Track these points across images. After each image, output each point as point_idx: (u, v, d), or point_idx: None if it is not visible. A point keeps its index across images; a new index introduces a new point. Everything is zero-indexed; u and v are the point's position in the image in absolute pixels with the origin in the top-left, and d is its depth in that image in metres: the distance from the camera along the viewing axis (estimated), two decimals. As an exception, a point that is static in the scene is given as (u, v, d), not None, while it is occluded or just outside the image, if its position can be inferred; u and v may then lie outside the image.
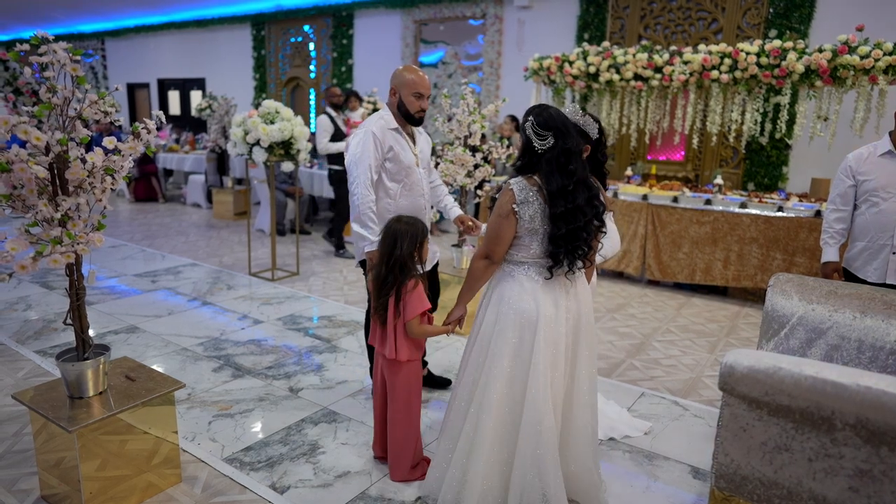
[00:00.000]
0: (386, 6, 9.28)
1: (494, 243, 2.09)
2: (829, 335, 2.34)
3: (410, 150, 2.75)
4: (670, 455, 2.68)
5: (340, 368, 3.50)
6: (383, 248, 2.28)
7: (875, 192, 2.88)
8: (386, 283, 2.26)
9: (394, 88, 2.70)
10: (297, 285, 5.22)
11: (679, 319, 4.61)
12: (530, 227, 2.04)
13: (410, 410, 2.38)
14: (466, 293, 2.24)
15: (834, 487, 1.53)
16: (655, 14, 7.13)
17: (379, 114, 2.74)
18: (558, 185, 2.00)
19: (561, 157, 2.01)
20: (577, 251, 2.05)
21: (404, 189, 2.73)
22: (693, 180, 6.79)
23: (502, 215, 2.06)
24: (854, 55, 4.65)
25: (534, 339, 2.05)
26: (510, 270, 2.14)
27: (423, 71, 9.27)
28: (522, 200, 2.02)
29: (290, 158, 5.17)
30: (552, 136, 2.02)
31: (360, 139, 2.65)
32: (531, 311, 2.06)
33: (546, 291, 2.09)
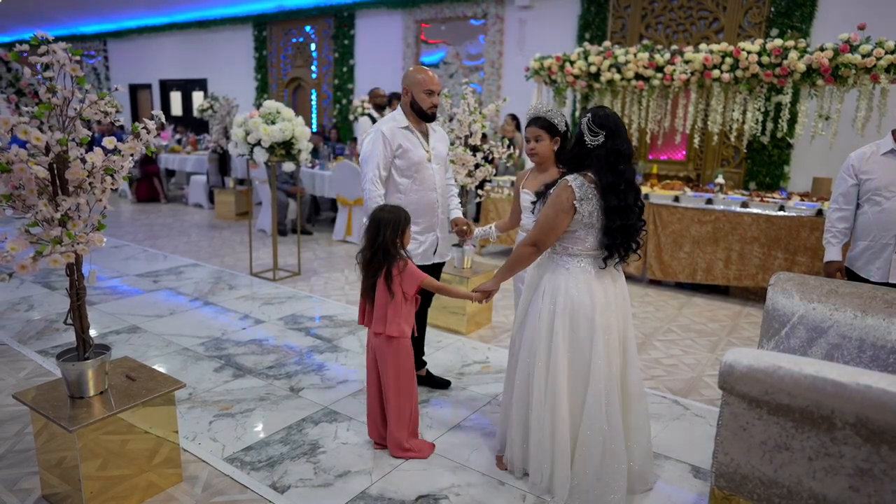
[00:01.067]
0: (387, 6, 9.29)
1: (546, 234, 2.21)
2: (829, 334, 2.33)
3: (422, 147, 2.88)
4: (671, 454, 2.68)
5: (341, 368, 3.50)
6: (368, 234, 2.45)
7: (878, 191, 2.87)
8: (371, 265, 2.43)
9: (406, 88, 2.86)
10: (298, 285, 5.22)
11: (680, 319, 4.60)
12: (588, 221, 2.17)
13: (403, 384, 2.50)
14: (506, 273, 2.39)
15: (834, 486, 1.52)
16: (657, 13, 7.12)
17: (391, 114, 2.91)
18: (609, 182, 2.14)
19: (610, 156, 2.14)
20: (630, 243, 2.21)
21: (414, 184, 2.86)
22: (694, 180, 6.78)
23: (562, 210, 2.16)
24: (856, 54, 4.64)
25: (592, 329, 2.19)
26: (564, 262, 2.26)
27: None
28: (582, 197, 2.14)
29: (291, 159, 5.17)
30: (604, 136, 2.14)
31: (371, 138, 2.82)
32: (587, 302, 2.19)
33: (598, 282, 2.23)
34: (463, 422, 2.92)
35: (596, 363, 2.18)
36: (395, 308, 2.43)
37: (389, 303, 2.42)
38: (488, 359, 3.69)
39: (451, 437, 2.77)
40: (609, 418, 2.19)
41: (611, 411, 2.19)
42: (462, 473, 2.48)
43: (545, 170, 2.77)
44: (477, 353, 3.80)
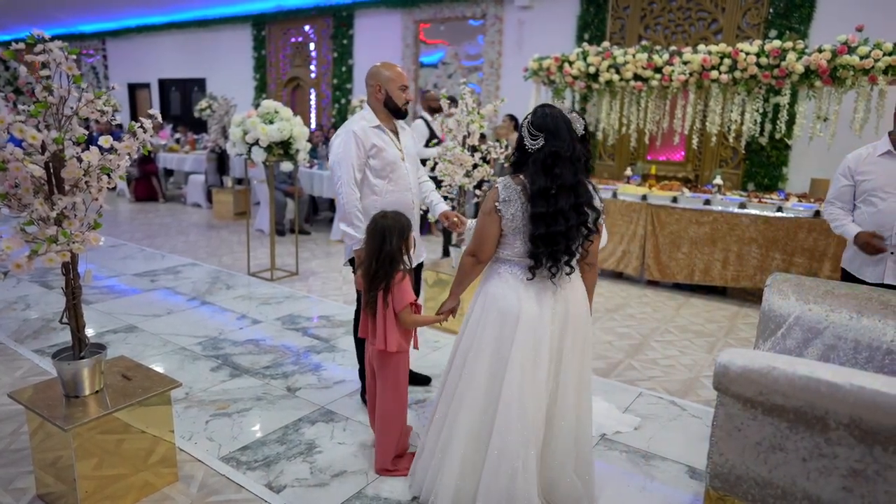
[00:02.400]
0: (386, 6, 9.29)
1: (480, 241, 2.12)
2: (825, 335, 2.33)
3: (395, 146, 2.81)
4: (667, 455, 2.68)
5: (338, 368, 3.50)
6: (372, 244, 2.33)
7: (874, 191, 2.87)
8: (376, 278, 2.32)
9: (379, 86, 2.77)
10: (296, 285, 5.22)
11: (678, 320, 4.60)
12: (513, 225, 2.06)
13: (397, 402, 2.44)
14: (456, 287, 2.29)
15: (828, 487, 1.52)
16: (655, 14, 7.12)
17: (360, 114, 2.82)
18: (541, 187, 2.00)
19: (548, 158, 2.00)
20: (557, 254, 2.03)
21: (390, 185, 2.79)
22: (693, 180, 6.78)
23: (486, 213, 2.10)
24: (854, 55, 4.65)
25: (513, 336, 2.05)
26: (497, 268, 2.17)
27: (422, 71, 9.29)
28: (505, 199, 2.04)
29: (289, 158, 5.17)
30: (543, 138, 2.02)
31: (343, 140, 2.73)
32: (513, 307, 2.06)
33: (530, 290, 2.09)
34: (459, 422, 2.91)
35: (510, 379, 2.03)
36: (393, 321, 2.33)
37: (388, 316, 2.32)
38: (485, 359, 3.68)
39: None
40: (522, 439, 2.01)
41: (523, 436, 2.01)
42: (458, 473, 2.48)
43: None
44: (474, 353, 3.80)
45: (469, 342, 2.16)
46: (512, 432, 2.01)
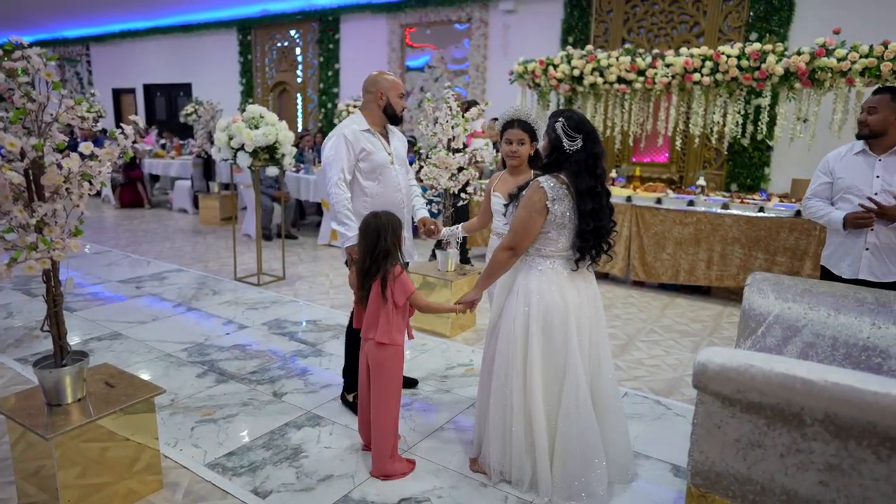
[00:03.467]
0: (372, 11, 9.30)
1: (522, 237, 2.22)
2: (804, 333, 2.37)
3: (384, 149, 2.90)
4: (652, 454, 2.70)
5: (325, 372, 3.49)
6: (366, 242, 2.41)
7: (849, 189, 2.91)
8: (369, 273, 2.40)
9: (381, 92, 2.87)
10: (282, 290, 5.21)
11: (663, 320, 4.65)
12: (560, 222, 2.19)
13: (390, 396, 2.46)
14: (486, 280, 2.38)
15: (805, 482, 1.55)
16: (638, 17, 7.20)
17: (351, 118, 2.91)
18: (588, 186, 2.17)
19: (590, 159, 2.18)
20: (601, 245, 2.26)
21: (379, 186, 2.88)
22: (677, 182, 6.85)
23: (535, 211, 2.18)
24: (831, 58, 4.72)
25: (567, 330, 2.21)
26: (536, 264, 2.28)
27: (408, 74, 9.31)
28: (554, 197, 2.17)
29: (274, 163, 5.16)
30: (581, 140, 2.17)
31: (334, 142, 2.82)
32: (559, 301, 2.22)
33: (570, 282, 2.26)
34: (446, 424, 2.93)
35: (571, 363, 2.21)
36: (387, 315, 2.39)
37: (382, 308, 2.39)
38: (472, 362, 3.70)
39: (434, 440, 2.77)
40: (585, 418, 2.22)
41: (586, 411, 2.23)
42: (444, 476, 2.49)
43: (519, 173, 2.80)
44: (461, 355, 3.81)
45: (518, 339, 2.26)
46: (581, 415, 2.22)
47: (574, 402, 2.22)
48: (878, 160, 2.84)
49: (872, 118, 2.80)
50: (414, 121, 9.32)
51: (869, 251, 2.84)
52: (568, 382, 2.22)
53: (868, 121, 2.82)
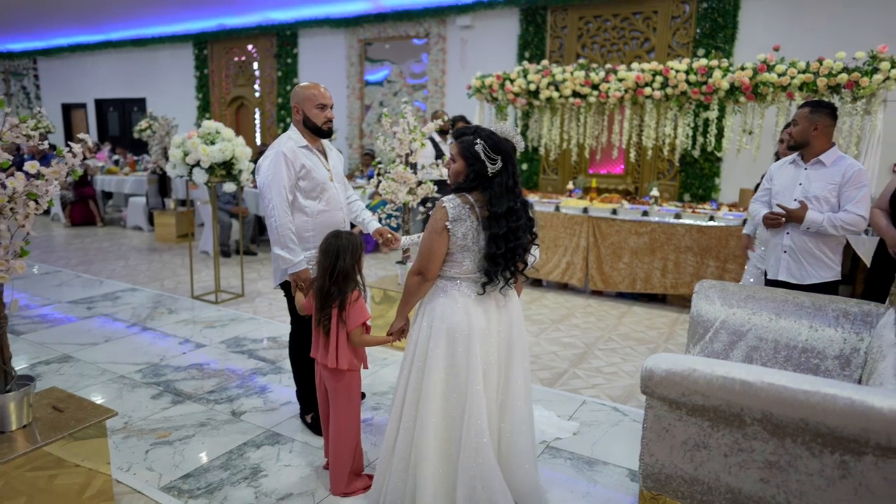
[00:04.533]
0: (330, 26, 9.32)
1: (427, 259, 2.13)
2: (748, 337, 2.48)
3: (323, 166, 2.81)
4: (609, 460, 2.76)
5: (285, 390, 3.45)
6: (325, 262, 2.35)
7: (776, 195, 3.09)
8: (330, 295, 2.33)
9: (296, 106, 2.77)
10: (241, 307, 5.13)
11: (621, 328, 4.75)
12: (463, 244, 2.09)
13: (350, 422, 2.44)
14: (404, 307, 2.29)
15: (747, 480, 1.62)
16: (592, 33, 7.41)
17: (287, 134, 2.79)
18: (507, 208, 2.07)
19: (510, 180, 2.09)
20: (511, 268, 2.14)
21: (320, 205, 2.78)
22: (633, 192, 7.04)
23: (435, 232, 2.10)
24: (772, 73, 4.95)
25: (468, 353, 2.09)
26: (443, 286, 2.18)
27: (367, 89, 9.33)
28: (455, 218, 2.07)
29: (231, 179, 5.11)
30: (501, 160, 2.08)
31: (272, 161, 2.69)
32: (463, 324, 2.10)
33: (478, 305, 2.15)
34: (408, 438, 2.93)
35: (473, 392, 2.07)
36: (345, 339, 2.35)
37: (340, 332, 2.34)
38: (434, 374, 3.71)
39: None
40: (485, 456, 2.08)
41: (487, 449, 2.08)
42: (406, 489, 2.49)
43: None
44: (423, 368, 3.82)
45: (420, 363, 2.17)
46: (481, 446, 2.07)
47: (477, 439, 2.06)
48: (804, 169, 3.01)
49: (795, 130, 2.98)
50: (373, 135, 9.35)
51: (787, 254, 2.99)
52: (469, 415, 2.07)
53: (791, 132, 3.01)
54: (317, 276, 2.42)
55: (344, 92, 9.39)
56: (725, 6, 6.60)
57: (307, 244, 2.74)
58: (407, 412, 2.17)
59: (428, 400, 2.11)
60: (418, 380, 2.16)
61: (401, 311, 2.32)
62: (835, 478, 1.53)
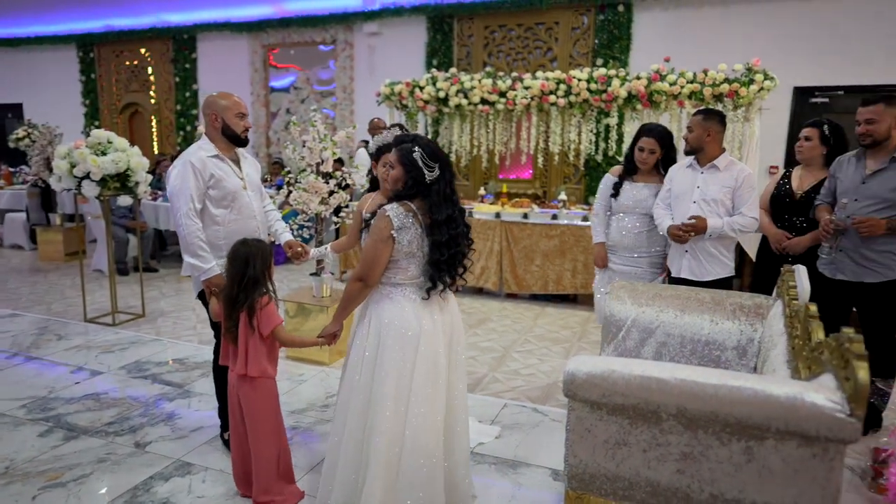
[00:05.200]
0: (231, 30, 8.96)
1: (371, 267, 2.15)
2: (657, 334, 2.61)
3: (235, 175, 2.78)
4: (532, 461, 2.81)
5: (195, 414, 3.25)
6: (234, 270, 2.33)
7: (676, 197, 3.28)
8: (237, 302, 2.31)
9: (214, 115, 2.74)
10: (143, 328, 4.79)
11: (536, 329, 4.87)
12: (408, 251, 2.13)
13: (268, 427, 2.38)
14: (342, 312, 2.30)
15: (665, 472, 1.69)
16: (497, 42, 7.59)
17: (197, 144, 2.76)
18: (447, 215, 2.12)
19: (447, 188, 2.15)
20: (454, 272, 2.21)
21: (232, 214, 2.75)
22: (542, 196, 7.26)
23: (381, 240, 2.11)
24: (664, 83, 5.28)
25: (416, 357, 2.13)
26: (388, 292, 2.20)
27: (273, 95, 9.05)
28: (401, 226, 2.10)
29: (127, 191, 4.76)
30: (439, 168, 2.13)
31: (179, 171, 2.67)
32: (413, 329, 2.14)
33: (424, 309, 2.19)
34: (329, 456, 2.84)
35: (417, 392, 2.12)
36: (255, 346, 2.32)
37: (250, 339, 2.32)
38: (354, 387, 3.62)
39: (318, 474, 2.67)
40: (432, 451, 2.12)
41: (433, 443, 2.13)
42: (330, 511, 2.40)
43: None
44: (342, 382, 3.73)
45: (369, 370, 2.16)
46: (425, 451, 2.11)
47: (420, 437, 2.10)
48: (701, 173, 3.22)
49: (690, 136, 3.20)
50: (281, 143, 9.08)
51: (688, 253, 3.20)
52: (409, 421, 2.10)
53: (687, 138, 3.22)
54: (226, 284, 2.38)
55: (249, 99, 9.06)
56: (620, 19, 6.98)
57: (220, 252, 2.68)
58: (354, 419, 2.16)
59: (379, 406, 2.11)
60: (367, 386, 2.15)
61: (337, 317, 2.32)
62: (741, 463, 1.63)
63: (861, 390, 1.47)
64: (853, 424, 1.48)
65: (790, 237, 3.35)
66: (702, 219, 3.09)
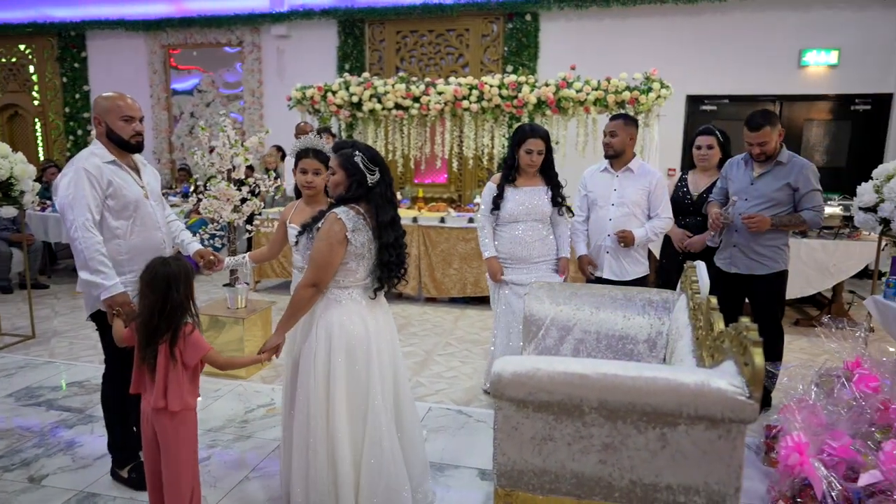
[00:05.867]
0: (126, 28, 8.43)
1: (324, 271, 2.16)
2: (575, 331, 2.72)
3: (136, 183, 2.56)
4: (459, 463, 2.84)
5: (99, 440, 3.01)
6: (153, 295, 2.10)
7: (595, 201, 3.45)
8: (158, 331, 2.10)
9: (98, 118, 2.52)
10: (33, 350, 4.39)
11: (456, 332, 4.93)
12: (360, 252, 2.18)
13: (188, 460, 2.21)
14: (289, 321, 2.25)
15: (588, 464, 1.77)
16: (409, 47, 7.63)
17: (89, 149, 2.51)
18: (389, 218, 2.21)
19: (388, 190, 2.23)
20: (399, 272, 2.30)
21: (135, 225, 2.53)
22: (457, 200, 7.37)
23: (336, 242, 2.13)
24: (571, 90, 5.52)
25: (369, 359, 2.20)
26: (335, 296, 2.23)
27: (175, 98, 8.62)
28: (354, 228, 2.14)
29: (10, 202, 4.35)
30: (379, 171, 2.20)
31: (71, 179, 2.40)
32: (362, 332, 2.20)
33: (370, 311, 2.27)
34: (251, 473, 2.74)
35: (373, 394, 2.20)
36: (177, 378, 2.11)
37: (172, 370, 2.10)
38: (273, 401, 3.51)
39: (240, 492, 2.57)
40: (389, 449, 2.21)
41: (389, 442, 2.21)
42: (254, 531, 2.31)
43: (315, 203, 2.74)
44: (260, 396, 3.60)
45: (321, 376, 2.16)
46: (384, 449, 2.19)
47: (378, 434, 2.19)
48: (616, 176, 3.40)
49: (615, 140, 3.35)
50: (185, 149, 8.65)
51: (609, 254, 3.38)
52: (371, 414, 2.20)
53: (612, 143, 3.37)
54: (140, 310, 2.14)
55: (148, 102, 8.54)
56: (528, 28, 7.22)
57: (122, 268, 2.46)
58: (316, 427, 2.16)
59: (336, 409, 2.15)
60: (324, 392, 2.16)
61: (283, 327, 2.27)
62: (657, 449, 1.73)
63: (758, 374, 1.61)
64: (752, 405, 1.62)
65: (690, 236, 3.60)
66: (629, 232, 3.26)
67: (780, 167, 3.19)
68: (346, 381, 2.18)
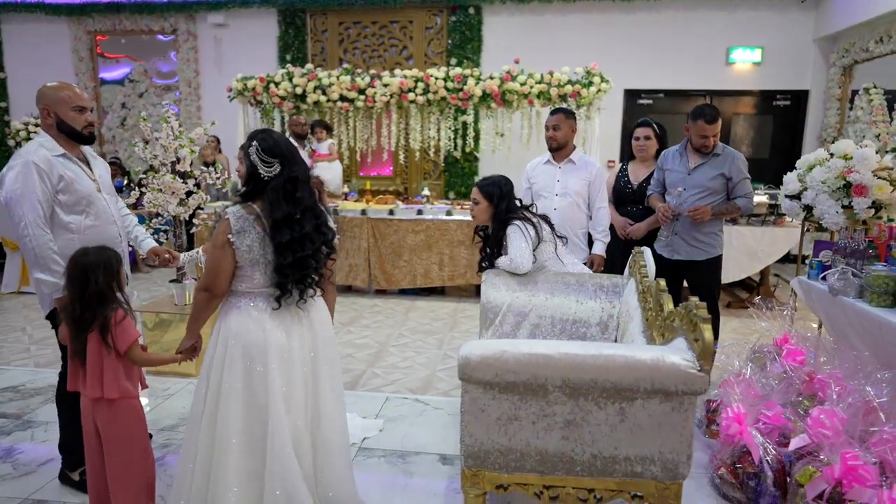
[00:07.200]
0: (46, 12, 7.93)
1: (213, 275, 2.01)
2: (531, 316, 2.81)
3: (87, 177, 2.48)
4: (420, 450, 2.89)
5: (40, 447, 2.88)
6: (73, 286, 2.06)
7: (539, 192, 3.56)
8: (83, 322, 2.05)
9: (46, 108, 2.41)
10: (-42, 356, 4.12)
11: (408, 323, 4.96)
12: (250, 256, 1.99)
13: (139, 452, 2.15)
14: (193, 324, 2.15)
15: (552, 440, 1.85)
16: (352, 39, 7.56)
17: (37, 141, 2.41)
18: (285, 214, 1.98)
19: (288, 184, 2.00)
20: (306, 279, 2.06)
21: (88, 220, 2.45)
22: (403, 192, 7.38)
23: (218, 246, 1.98)
24: (515, 83, 5.63)
25: (266, 371, 2.00)
26: (235, 302, 2.07)
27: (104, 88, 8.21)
28: (239, 230, 1.97)
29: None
30: (279, 164, 2.00)
31: (19, 172, 2.30)
32: (259, 341, 2.01)
33: (274, 320, 2.06)
34: (209, 471, 2.68)
35: (274, 411, 1.99)
36: (112, 365, 2.07)
37: (106, 359, 2.06)
38: (227, 397, 3.44)
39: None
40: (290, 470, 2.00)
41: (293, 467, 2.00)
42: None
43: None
44: (213, 393, 3.52)
45: (216, 384, 2.03)
46: (286, 466, 1.98)
47: (278, 460, 1.98)
48: (559, 168, 3.52)
49: (558, 133, 3.47)
50: (117, 141, 8.27)
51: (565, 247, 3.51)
52: (269, 436, 1.99)
53: (556, 136, 3.48)
54: (67, 303, 2.10)
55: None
56: (471, 21, 7.29)
57: None
58: (204, 439, 2.02)
59: (227, 422, 1.99)
60: (214, 402, 2.02)
61: (191, 329, 2.16)
62: (616, 423, 1.84)
63: (707, 348, 1.73)
64: (703, 378, 1.74)
65: (632, 224, 3.77)
66: (599, 256, 3.53)
67: (715, 158, 3.39)
68: (242, 393, 2.01)
